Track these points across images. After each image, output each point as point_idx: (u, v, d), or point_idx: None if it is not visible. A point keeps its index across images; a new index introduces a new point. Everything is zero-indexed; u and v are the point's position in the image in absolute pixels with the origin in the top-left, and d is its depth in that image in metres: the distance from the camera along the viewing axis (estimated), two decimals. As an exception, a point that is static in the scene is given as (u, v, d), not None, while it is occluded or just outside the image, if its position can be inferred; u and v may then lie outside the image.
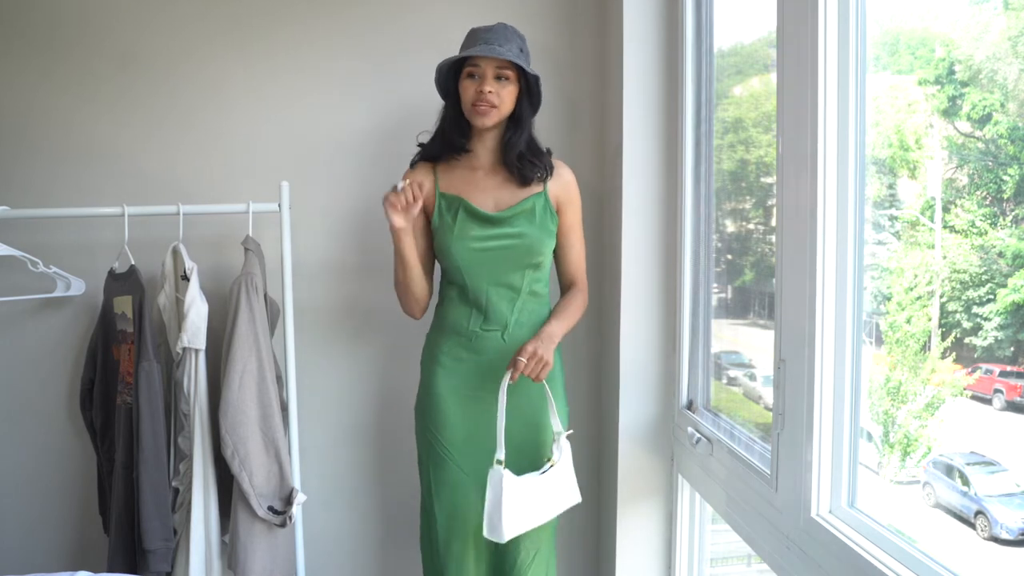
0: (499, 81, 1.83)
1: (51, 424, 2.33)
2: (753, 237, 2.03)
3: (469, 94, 1.84)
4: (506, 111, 1.87)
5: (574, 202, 1.99)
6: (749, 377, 2.03)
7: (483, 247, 1.89)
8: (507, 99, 1.85)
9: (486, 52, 1.79)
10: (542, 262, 1.94)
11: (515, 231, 1.89)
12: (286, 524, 2.04)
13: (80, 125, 2.28)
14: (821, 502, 1.40)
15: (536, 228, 1.90)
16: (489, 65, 1.82)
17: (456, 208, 1.90)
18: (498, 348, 1.91)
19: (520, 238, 1.89)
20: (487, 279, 1.90)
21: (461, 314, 1.93)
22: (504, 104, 1.85)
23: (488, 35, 1.83)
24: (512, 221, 1.90)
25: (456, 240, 1.89)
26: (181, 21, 2.28)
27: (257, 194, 2.12)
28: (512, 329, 1.92)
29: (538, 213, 1.91)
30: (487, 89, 1.81)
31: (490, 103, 1.82)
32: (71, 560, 2.33)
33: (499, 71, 1.83)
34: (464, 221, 1.89)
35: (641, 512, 2.16)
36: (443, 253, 1.92)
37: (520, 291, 1.92)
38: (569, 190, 1.98)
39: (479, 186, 1.93)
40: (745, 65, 2.03)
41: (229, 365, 1.98)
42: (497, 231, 1.89)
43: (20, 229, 2.17)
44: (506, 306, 1.91)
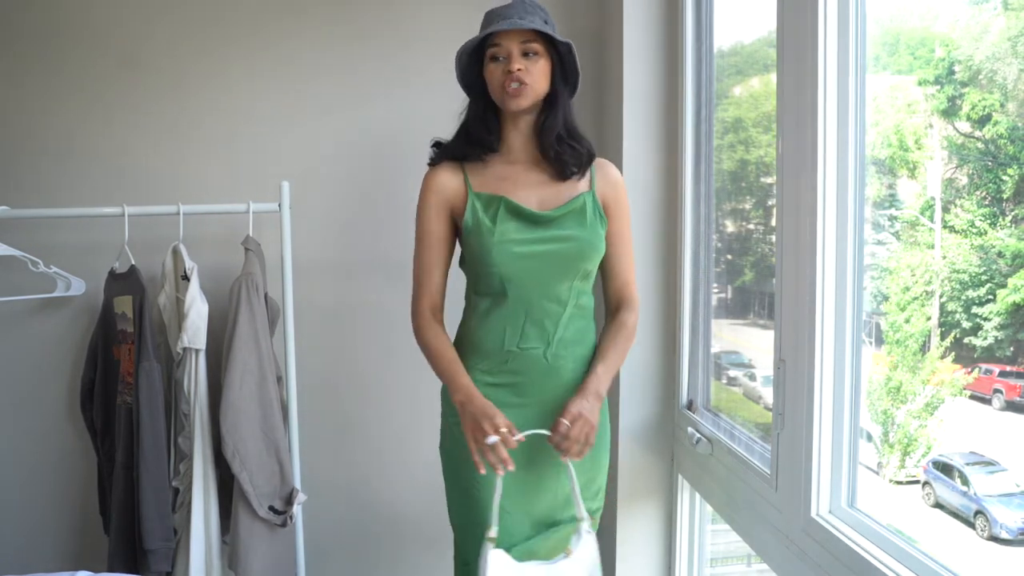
0: (527, 58, 1.60)
1: (51, 424, 2.33)
2: (753, 237, 2.04)
3: (496, 77, 1.61)
4: (541, 90, 1.62)
5: (623, 205, 1.73)
6: (749, 377, 2.03)
7: (529, 251, 1.62)
8: (539, 76, 1.61)
9: (507, 26, 1.57)
10: (591, 271, 1.68)
11: (565, 233, 1.63)
12: (287, 524, 2.04)
13: (80, 125, 2.27)
14: (821, 502, 1.40)
15: (588, 231, 1.64)
16: (513, 42, 1.59)
17: (496, 207, 1.63)
18: (540, 368, 1.64)
19: (571, 241, 1.63)
20: (532, 289, 1.63)
21: (495, 331, 1.65)
22: (538, 82, 1.61)
23: (507, 11, 1.61)
24: (561, 222, 1.64)
25: (498, 243, 1.61)
26: (182, 21, 2.28)
27: (257, 194, 2.12)
28: (555, 347, 1.64)
29: (588, 214, 1.65)
30: (515, 67, 1.58)
31: (521, 81, 1.58)
32: (71, 560, 2.33)
33: (525, 46, 1.60)
34: (506, 221, 1.62)
35: (641, 512, 2.16)
36: (479, 259, 1.64)
37: (567, 304, 1.65)
38: (619, 191, 1.72)
39: (519, 182, 1.67)
40: (745, 65, 2.03)
41: (229, 365, 1.98)
42: (545, 233, 1.63)
43: (20, 229, 2.16)
44: (550, 321, 1.64)
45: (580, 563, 1.55)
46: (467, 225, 1.65)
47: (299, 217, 2.22)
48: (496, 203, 1.64)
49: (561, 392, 1.64)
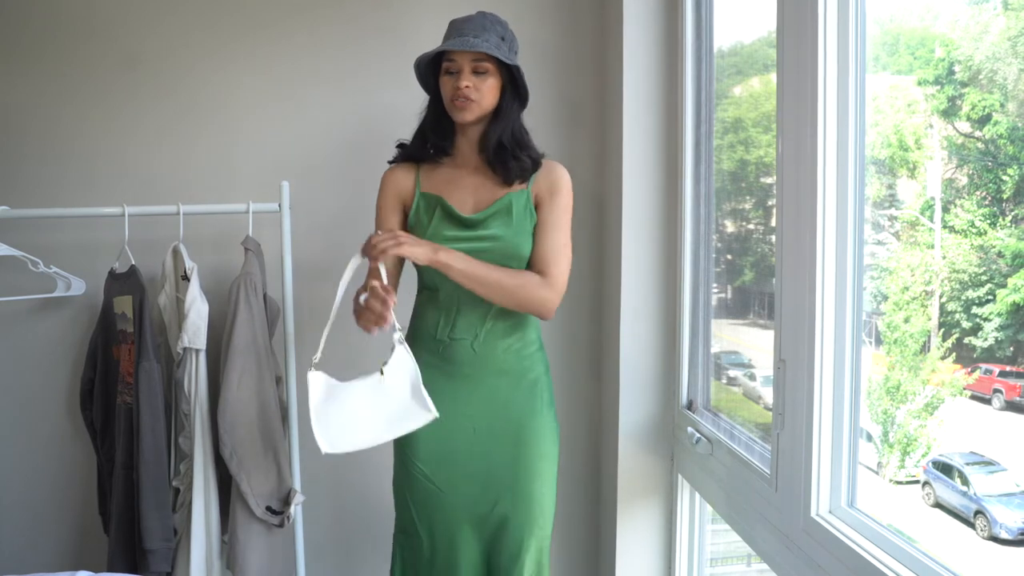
0: (478, 76, 1.71)
1: (51, 424, 2.33)
2: (753, 237, 2.04)
3: (447, 90, 1.73)
4: (488, 105, 1.74)
5: (559, 197, 1.79)
6: (749, 377, 2.03)
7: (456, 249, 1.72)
8: (487, 93, 1.72)
9: (458, 46, 1.68)
10: (521, 268, 1.78)
11: (488, 234, 1.75)
12: (284, 524, 2.04)
13: (81, 125, 2.27)
14: (821, 502, 1.40)
15: (512, 230, 1.75)
16: (465, 59, 1.70)
17: (434, 208, 1.79)
18: (469, 360, 1.79)
19: (494, 241, 1.74)
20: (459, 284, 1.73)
21: (432, 321, 1.82)
22: (484, 98, 1.72)
23: (464, 26, 1.72)
24: (487, 223, 1.76)
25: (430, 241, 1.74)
26: (183, 22, 2.28)
27: (257, 194, 2.12)
28: (483, 339, 1.79)
29: (516, 213, 1.76)
30: (463, 84, 1.70)
31: (467, 97, 1.71)
32: (71, 560, 2.33)
33: (476, 64, 1.71)
34: (439, 222, 1.77)
35: (641, 512, 2.16)
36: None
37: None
38: (555, 184, 1.79)
39: (460, 185, 1.80)
40: (745, 65, 2.03)
41: (228, 365, 1.98)
42: (471, 233, 1.75)
43: (20, 229, 2.16)
44: (477, 315, 1.78)
45: (398, 374, 1.67)
46: (411, 222, 1.82)
47: (299, 217, 2.22)
48: (435, 203, 1.79)
49: (489, 379, 1.81)
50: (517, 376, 1.83)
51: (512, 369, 1.82)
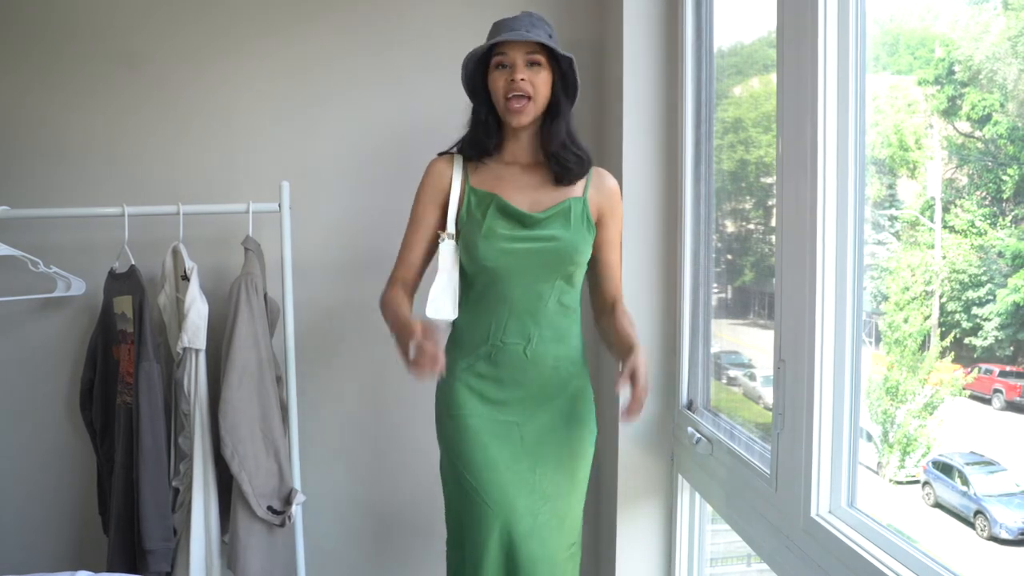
0: (531, 68, 1.68)
1: (51, 424, 2.33)
2: (753, 237, 2.04)
3: (500, 85, 1.69)
4: (542, 102, 1.71)
5: (617, 214, 1.81)
6: (749, 377, 2.04)
7: (514, 248, 1.70)
8: (541, 87, 1.69)
9: (515, 37, 1.65)
10: (574, 273, 1.75)
11: (548, 233, 1.71)
12: (285, 524, 2.04)
13: (80, 125, 2.27)
14: (821, 502, 1.40)
15: (571, 232, 1.72)
16: (518, 52, 1.67)
17: (488, 204, 1.73)
18: (520, 364, 1.73)
19: (554, 241, 1.71)
20: (515, 285, 1.71)
21: (480, 324, 1.74)
22: (539, 93, 1.69)
23: (514, 23, 1.70)
24: (547, 223, 1.72)
25: (484, 238, 1.70)
26: (182, 21, 2.28)
27: (257, 194, 2.12)
28: (536, 344, 1.73)
29: (574, 217, 1.73)
30: (519, 77, 1.66)
31: (524, 91, 1.67)
32: (71, 560, 2.33)
33: (529, 57, 1.68)
34: (495, 218, 1.71)
35: (641, 512, 2.16)
36: (468, 252, 1.73)
37: (547, 301, 1.73)
38: (613, 200, 1.80)
39: (514, 183, 1.76)
40: (745, 65, 2.03)
41: (228, 365, 1.98)
42: (530, 232, 1.71)
43: (20, 229, 2.16)
44: (532, 318, 1.72)
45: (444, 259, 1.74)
46: (461, 217, 1.75)
47: (299, 217, 2.22)
48: (489, 200, 1.73)
49: (540, 387, 1.75)
50: (564, 383, 1.78)
51: (561, 376, 1.77)
